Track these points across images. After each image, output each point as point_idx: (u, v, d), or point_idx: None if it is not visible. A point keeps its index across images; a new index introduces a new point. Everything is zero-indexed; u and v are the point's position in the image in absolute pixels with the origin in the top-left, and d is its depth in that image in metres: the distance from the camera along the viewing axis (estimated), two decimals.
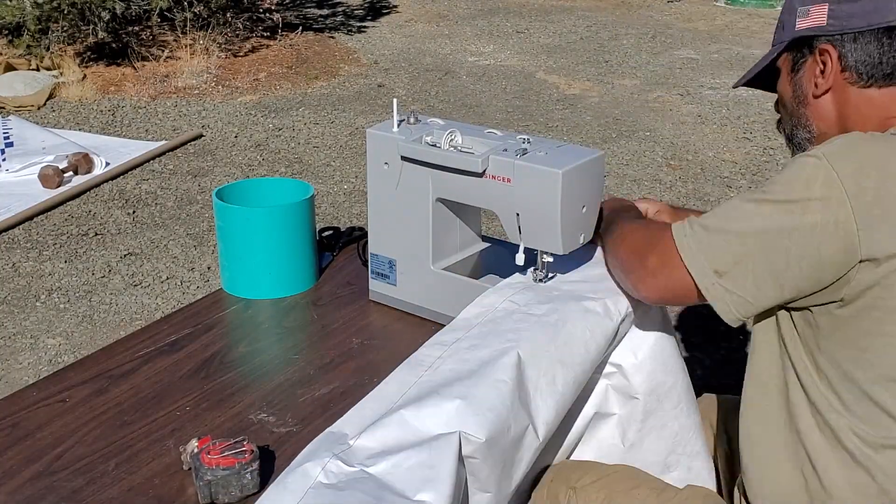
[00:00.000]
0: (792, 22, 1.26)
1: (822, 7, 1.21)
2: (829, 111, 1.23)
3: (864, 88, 1.19)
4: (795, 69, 1.27)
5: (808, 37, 1.23)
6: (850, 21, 1.19)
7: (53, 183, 4.16)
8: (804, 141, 1.28)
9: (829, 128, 1.23)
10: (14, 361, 2.90)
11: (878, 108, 1.19)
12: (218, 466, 1.11)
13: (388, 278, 1.60)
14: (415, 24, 7.85)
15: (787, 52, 1.28)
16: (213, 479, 1.10)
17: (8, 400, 1.35)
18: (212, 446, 1.13)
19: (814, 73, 1.23)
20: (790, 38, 1.26)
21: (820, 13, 1.21)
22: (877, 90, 1.19)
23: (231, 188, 1.74)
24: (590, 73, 6.34)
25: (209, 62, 6.14)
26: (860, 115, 1.20)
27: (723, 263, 1.11)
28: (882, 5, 1.17)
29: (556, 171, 1.32)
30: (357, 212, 4.04)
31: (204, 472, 1.10)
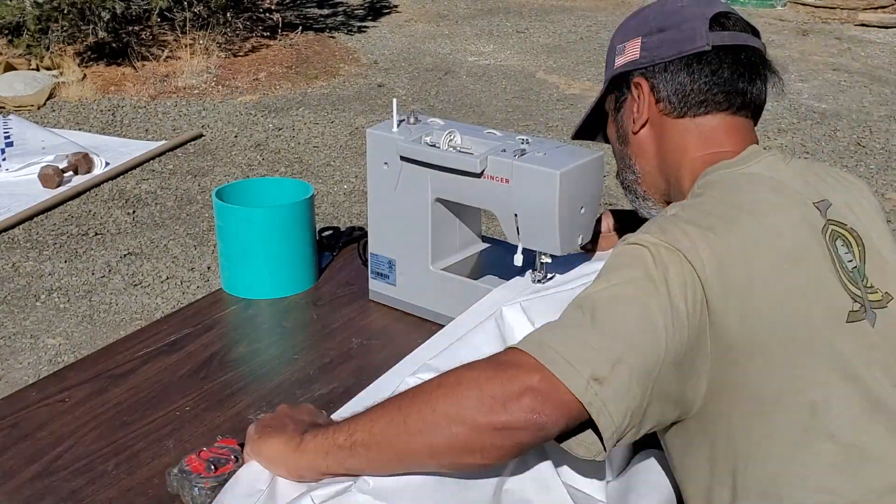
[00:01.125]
0: (612, 61, 1.24)
1: (636, 41, 1.19)
2: (648, 146, 1.20)
3: (679, 119, 1.16)
4: (617, 108, 1.24)
5: (625, 73, 1.21)
6: (659, 51, 1.17)
7: (53, 183, 4.16)
8: (632, 183, 1.25)
9: (651, 165, 1.21)
10: (14, 361, 2.90)
11: (697, 138, 1.16)
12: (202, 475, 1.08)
13: (387, 278, 1.61)
14: (415, 23, 7.85)
15: (611, 94, 1.26)
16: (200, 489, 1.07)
17: (8, 400, 1.35)
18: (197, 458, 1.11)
19: (631, 108, 1.21)
20: (610, 77, 1.24)
21: (634, 47, 1.20)
22: (691, 119, 1.16)
23: (231, 188, 1.74)
24: (590, 72, 6.33)
25: (209, 62, 6.14)
26: (679, 146, 1.17)
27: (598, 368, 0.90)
28: (692, 33, 1.15)
29: (555, 171, 1.32)
30: (357, 212, 4.04)
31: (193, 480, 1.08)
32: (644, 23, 1.21)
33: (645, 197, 1.25)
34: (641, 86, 1.19)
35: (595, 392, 0.89)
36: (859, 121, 5.28)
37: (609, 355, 0.91)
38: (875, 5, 7.96)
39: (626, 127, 1.23)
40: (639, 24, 1.22)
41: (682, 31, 1.16)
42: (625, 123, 1.23)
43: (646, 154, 1.21)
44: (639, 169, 1.23)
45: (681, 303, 0.94)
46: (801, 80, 6.05)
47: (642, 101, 1.19)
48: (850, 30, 7.57)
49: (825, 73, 6.28)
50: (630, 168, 1.24)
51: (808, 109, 5.47)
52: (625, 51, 1.21)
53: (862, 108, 5.54)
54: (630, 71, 1.20)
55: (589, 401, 0.89)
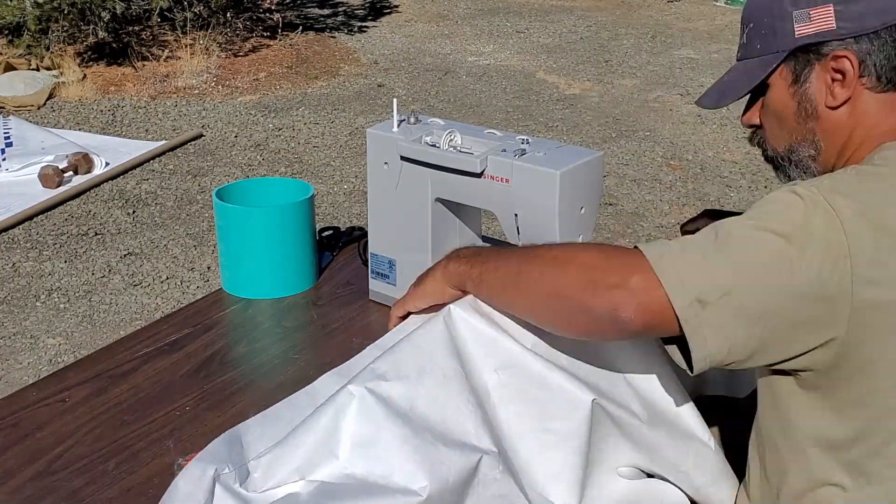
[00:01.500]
0: (787, 28, 1.12)
1: (827, 9, 1.09)
2: (842, 122, 1.12)
3: (880, 93, 1.09)
4: (799, 80, 1.14)
5: (812, 44, 1.11)
6: (863, 21, 1.07)
7: (53, 183, 4.16)
8: (807, 158, 1.16)
9: (838, 141, 1.13)
10: (14, 361, 2.90)
11: (886, 114, 1.10)
12: None
13: (387, 278, 1.61)
14: (415, 23, 7.85)
15: (783, 64, 1.15)
16: None
17: (8, 400, 1.35)
18: None
19: (825, 82, 1.11)
20: (791, 48, 1.13)
21: (825, 16, 1.09)
22: (890, 94, 1.09)
23: (231, 188, 1.74)
24: (590, 72, 6.34)
25: (209, 62, 6.14)
26: (871, 123, 1.10)
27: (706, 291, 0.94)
28: (892, 2, 1.07)
29: (554, 171, 1.32)
30: (357, 212, 4.04)
31: None
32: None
33: (814, 172, 1.17)
34: (848, 59, 1.08)
35: (695, 313, 0.94)
36: None
37: (722, 284, 0.94)
38: None
39: (815, 101, 1.13)
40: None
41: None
42: (813, 97, 1.13)
43: (838, 130, 1.13)
44: (823, 145, 1.14)
45: (815, 271, 0.93)
46: None
47: (849, 76, 1.09)
48: None
49: None
50: (812, 143, 1.15)
51: None
52: (810, 18, 1.10)
53: None
54: (822, 42, 1.10)
55: (686, 318, 0.93)
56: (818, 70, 1.12)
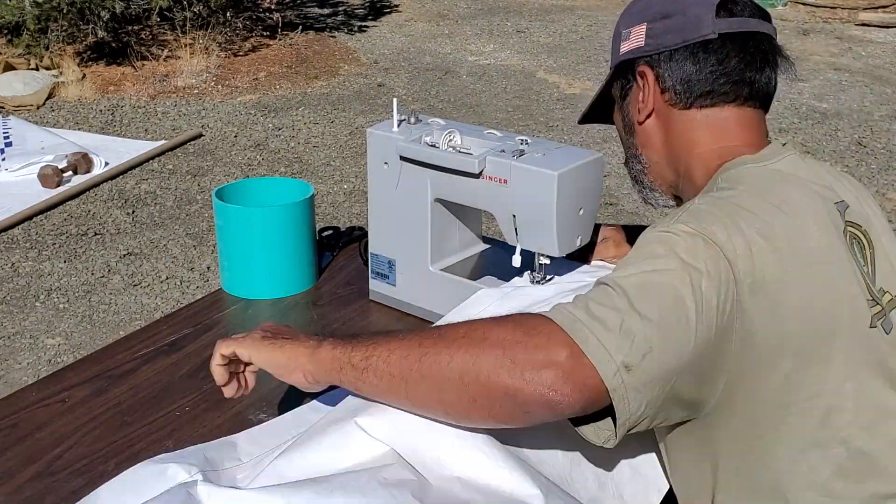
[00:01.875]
0: (617, 47, 1.19)
1: (641, 27, 1.14)
2: (654, 136, 1.16)
3: (685, 110, 1.12)
4: (623, 96, 1.20)
5: (630, 60, 1.16)
6: (664, 39, 1.12)
7: (53, 183, 4.16)
8: (639, 173, 1.21)
9: (659, 155, 1.17)
10: (13, 361, 2.90)
11: (706, 130, 1.11)
12: None
13: (387, 278, 1.61)
14: (415, 23, 7.85)
15: (617, 81, 1.21)
16: None
17: (7, 400, 1.35)
18: None
19: (637, 97, 1.16)
20: (615, 64, 1.20)
21: (639, 34, 1.15)
22: (698, 111, 1.12)
23: (231, 188, 1.74)
24: (590, 72, 6.33)
25: (209, 62, 6.14)
26: (687, 138, 1.13)
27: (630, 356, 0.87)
28: (697, 20, 1.10)
29: (552, 172, 1.32)
30: (357, 212, 4.03)
31: None
32: (648, 7, 1.16)
33: (652, 187, 1.22)
34: (646, 75, 1.14)
35: (622, 379, 0.86)
36: (860, 121, 5.27)
37: (643, 344, 0.87)
38: (876, 5, 7.96)
39: (631, 116, 1.19)
40: (644, 8, 1.17)
41: (688, 17, 1.11)
42: (630, 112, 1.19)
43: (652, 144, 1.17)
44: (645, 159, 1.19)
45: (713, 298, 0.90)
46: (802, 79, 6.04)
47: (647, 91, 1.15)
48: (850, 29, 7.57)
49: (826, 72, 6.27)
50: (636, 158, 1.20)
51: (808, 109, 5.47)
52: (630, 36, 1.17)
53: (863, 107, 5.54)
54: (635, 58, 1.16)
55: (614, 387, 0.86)
56: (635, 87, 1.17)
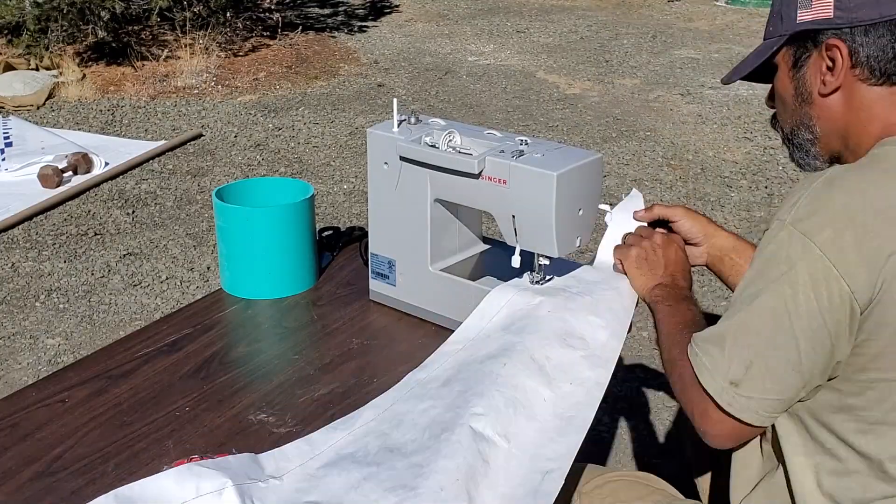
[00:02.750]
0: (791, 14, 1.14)
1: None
2: (836, 111, 1.14)
3: (874, 86, 1.10)
4: (798, 65, 1.16)
5: (811, 30, 1.12)
6: (859, 12, 1.08)
7: (53, 183, 4.16)
8: (806, 142, 1.19)
9: (835, 128, 1.15)
10: (13, 361, 2.90)
11: (889, 107, 1.10)
12: None
13: (387, 278, 1.61)
14: (414, 23, 7.85)
15: (786, 47, 1.17)
16: None
17: (7, 400, 1.35)
18: None
19: (819, 69, 1.13)
20: (791, 32, 1.15)
21: (825, 4, 1.10)
22: (889, 88, 1.10)
23: (231, 188, 1.74)
24: (590, 72, 6.33)
25: (209, 62, 6.14)
26: (867, 115, 1.11)
27: (734, 373, 1.06)
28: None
29: (551, 173, 1.32)
30: (357, 212, 4.04)
31: None
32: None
33: (816, 156, 1.19)
34: (839, 49, 1.10)
35: (732, 395, 1.06)
36: None
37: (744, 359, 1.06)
38: None
39: (810, 87, 1.15)
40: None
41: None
42: (809, 83, 1.15)
43: (832, 117, 1.14)
44: (819, 130, 1.16)
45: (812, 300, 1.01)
46: None
47: (838, 66, 1.11)
48: None
49: None
50: (808, 128, 1.17)
51: None
52: (811, 5, 1.12)
53: None
54: (821, 29, 1.11)
55: (728, 402, 1.06)
56: (815, 57, 1.13)
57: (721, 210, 4.03)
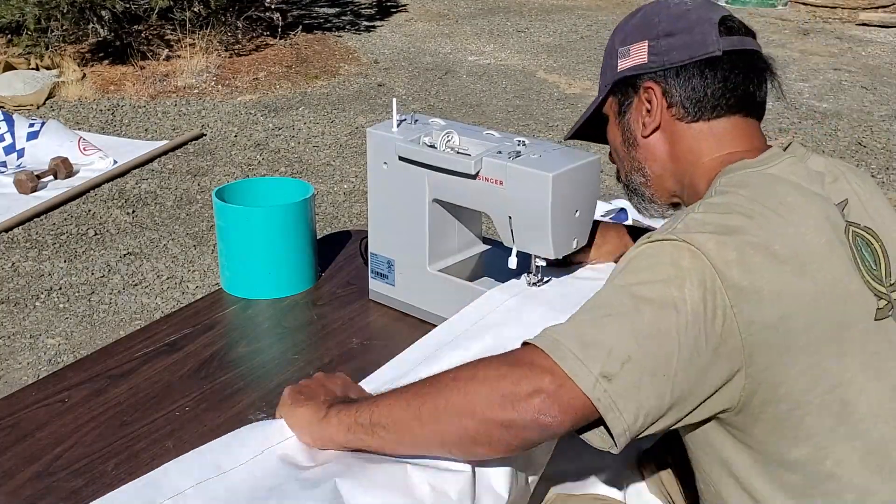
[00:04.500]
0: (613, 64, 1.22)
1: (643, 44, 1.18)
2: (660, 150, 1.19)
3: (692, 123, 1.16)
4: (622, 112, 1.22)
5: (631, 77, 1.19)
6: (670, 55, 1.15)
7: (27, 188, 4.13)
8: (640, 186, 1.23)
9: (663, 168, 1.19)
10: (13, 361, 2.90)
11: (710, 141, 1.15)
12: None
13: (386, 278, 1.61)
14: (415, 23, 7.85)
15: (612, 97, 1.24)
16: None
17: (7, 400, 1.35)
18: None
19: (640, 113, 1.19)
20: (613, 81, 1.22)
21: (640, 51, 1.18)
22: (706, 123, 1.15)
23: (231, 188, 1.74)
24: (590, 72, 6.33)
25: (209, 61, 6.14)
26: (693, 150, 1.16)
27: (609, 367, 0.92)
28: (703, 38, 1.14)
29: (547, 174, 1.31)
30: (357, 212, 4.04)
31: None
32: (649, 26, 1.19)
33: (651, 199, 1.24)
34: (653, 90, 1.17)
35: (604, 389, 0.92)
36: (860, 120, 5.28)
37: (619, 353, 0.92)
38: (876, 5, 7.96)
39: (634, 131, 1.21)
40: (643, 26, 1.20)
41: (693, 35, 1.15)
42: (632, 127, 1.21)
43: (657, 157, 1.20)
44: (649, 171, 1.21)
45: (699, 306, 0.94)
46: (801, 79, 6.05)
47: (654, 106, 1.17)
48: (850, 29, 7.57)
49: (826, 72, 6.27)
50: (639, 171, 1.22)
51: (808, 109, 5.47)
52: (629, 53, 1.19)
53: (863, 107, 5.54)
54: (637, 75, 1.18)
55: (597, 397, 0.92)
56: (636, 102, 1.20)
57: None
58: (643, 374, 0.92)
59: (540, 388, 0.92)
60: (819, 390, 0.98)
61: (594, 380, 0.91)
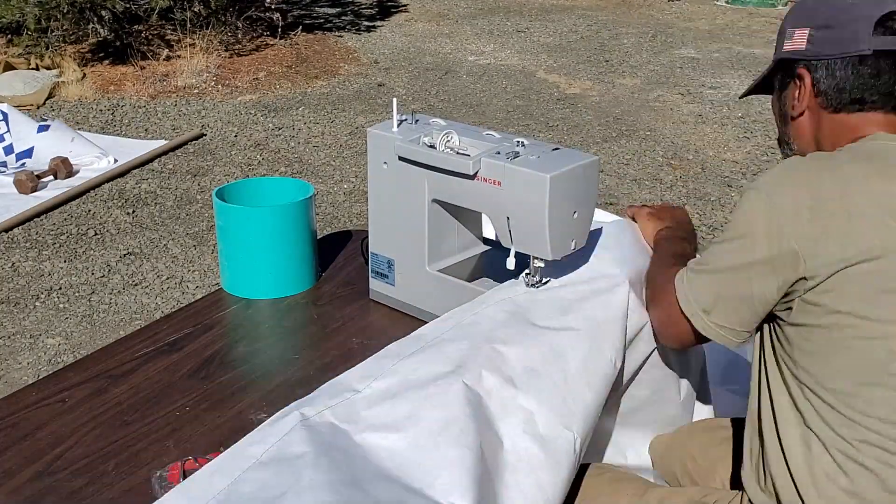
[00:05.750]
0: (781, 43, 1.31)
1: (804, 31, 1.26)
2: (806, 131, 1.29)
3: (834, 114, 1.24)
4: (781, 88, 1.32)
5: (791, 60, 1.28)
6: (824, 47, 1.23)
7: (27, 188, 4.13)
8: (790, 155, 1.33)
9: (808, 147, 1.28)
10: (13, 361, 2.91)
11: (848, 131, 1.23)
12: None
13: (386, 278, 1.61)
14: (415, 23, 7.85)
15: (778, 71, 1.33)
16: None
17: (8, 400, 1.35)
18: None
19: (793, 94, 1.28)
20: (776, 59, 1.32)
21: (801, 37, 1.26)
22: (847, 115, 1.23)
23: (231, 188, 1.74)
24: (590, 72, 6.33)
25: (209, 61, 6.14)
26: (832, 137, 1.24)
27: (707, 303, 1.22)
28: (855, 35, 1.20)
29: (544, 175, 1.31)
30: (357, 212, 4.04)
31: None
32: (814, 14, 1.26)
33: None
34: (804, 77, 1.25)
35: (703, 320, 1.22)
36: None
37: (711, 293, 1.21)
38: None
39: (786, 109, 1.31)
40: (810, 11, 1.26)
41: (847, 31, 1.21)
42: (786, 105, 1.31)
43: (803, 137, 1.29)
44: (796, 147, 1.31)
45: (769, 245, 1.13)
46: None
47: (803, 92, 1.26)
48: None
49: None
50: (789, 144, 1.33)
51: None
52: (793, 37, 1.27)
53: None
54: (796, 59, 1.26)
55: (702, 327, 1.22)
56: (792, 84, 1.30)
57: (721, 210, 4.03)
58: (731, 304, 1.19)
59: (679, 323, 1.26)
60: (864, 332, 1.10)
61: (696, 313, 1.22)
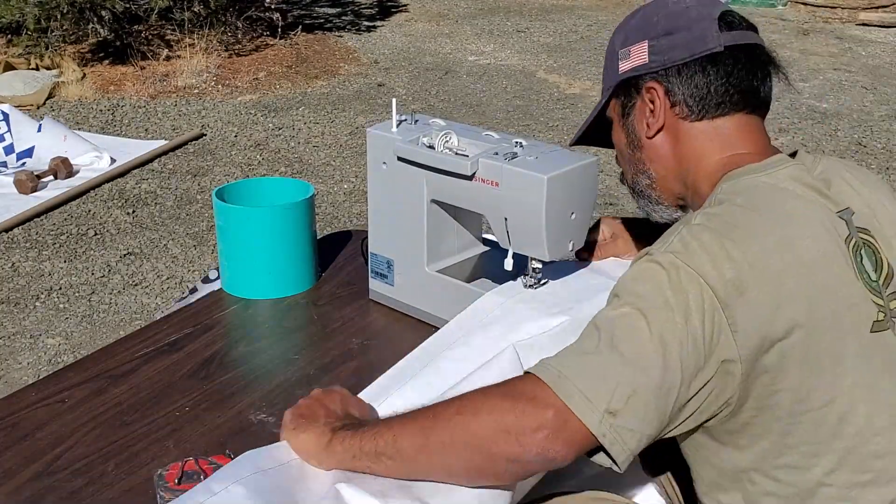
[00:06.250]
0: (614, 66, 1.21)
1: (642, 45, 1.17)
2: (664, 151, 1.18)
3: (696, 122, 1.14)
4: (625, 113, 1.21)
5: (633, 78, 1.18)
6: (671, 54, 1.14)
7: (27, 188, 4.13)
8: (646, 189, 1.22)
9: (667, 169, 1.18)
10: (13, 361, 2.91)
11: (714, 141, 1.14)
12: None
13: (386, 278, 1.61)
14: (415, 23, 7.85)
15: (615, 99, 1.23)
16: None
17: (7, 400, 1.35)
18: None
19: (644, 113, 1.18)
20: (615, 83, 1.21)
21: (640, 51, 1.17)
22: (709, 122, 1.14)
23: (231, 188, 1.74)
24: (590, 72, 6.33)
25: (209, 61, 6.14)
26: (697, 150, 1.15)
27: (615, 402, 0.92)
28: (703, 34, 1.13)
29: (542, 176, 1.31)
30: (357, 212, 4.04)
31: None
32: (648, 25, 1.18)
33: (658, 201, 1.23)
34: (655, 90, 1.16)
35: (609, 424, 0.92)
36: (860, 120, 5.27)
37: (625, 388, 0.93)
38: (876, 4, 7.96)
39: (638, 132, 1.20)
40: (642, 26, 1.19)
41: (693, 32, 1.14)
42: (636, 129, 1.20)
43: (661, 158, 1.19)
44: (654, 173, 1.20)
45: (699, 329, 0.94)
46: (801, 79, 6.05)
47: (658, 106, 1.16)
48: (850, 29, 7.56)
49: (826, 72, 6.27)
50: (644, 173, 1.21)
51: (808, 109, 5.47)
52: (630, 55, 1.19)
53: (863, 107, 5.53)
54: (639, 75, 1.18)
55: (603, 433, 0.93)
56: (639, 103, 1.19)
57: None
58: (647, 405, 0.93)
59: (544, 424, 0.92)
60: (813, 403, 0.99)
61: (600, 416, 0.92)
